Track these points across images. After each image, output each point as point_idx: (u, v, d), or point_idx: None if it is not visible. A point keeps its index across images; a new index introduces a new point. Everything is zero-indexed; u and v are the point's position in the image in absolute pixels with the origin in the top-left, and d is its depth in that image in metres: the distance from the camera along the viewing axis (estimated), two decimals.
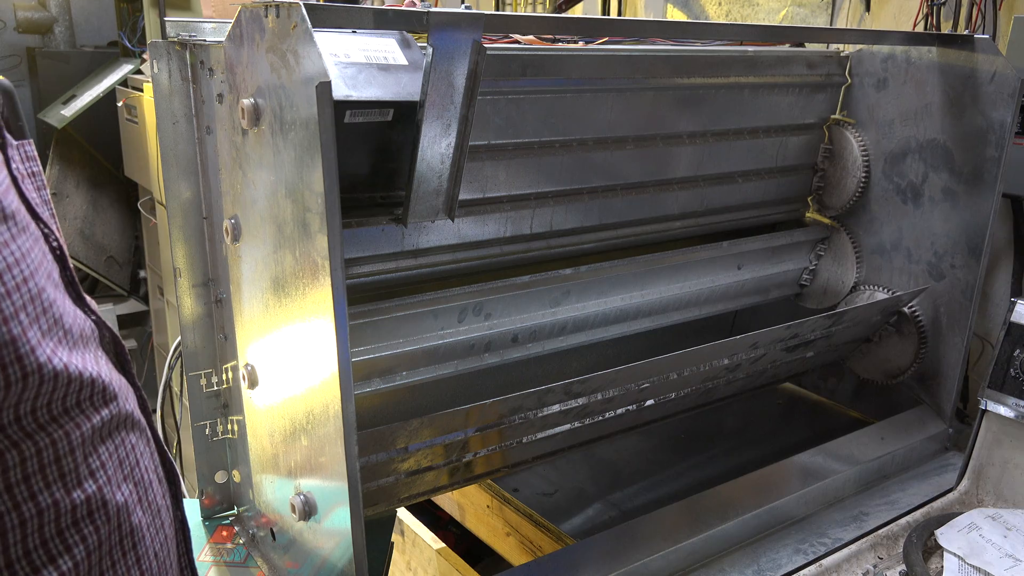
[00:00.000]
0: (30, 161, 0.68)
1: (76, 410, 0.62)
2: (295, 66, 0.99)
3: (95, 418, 0.64)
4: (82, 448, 0.62)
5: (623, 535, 1.50)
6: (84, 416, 0.63)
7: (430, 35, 1.13)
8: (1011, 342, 1.65)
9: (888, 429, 1.89)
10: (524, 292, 1.61)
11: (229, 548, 1.45)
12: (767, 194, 1.98)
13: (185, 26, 1.30)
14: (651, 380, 1.58)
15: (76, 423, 0.62)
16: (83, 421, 0.63)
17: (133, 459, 0.68)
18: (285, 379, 1.19)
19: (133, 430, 0.69)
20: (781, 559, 1.52)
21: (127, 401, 0.70)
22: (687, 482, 1.90)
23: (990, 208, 1.75)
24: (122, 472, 0.66)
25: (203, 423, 1.45)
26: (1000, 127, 1.71)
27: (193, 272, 1.39)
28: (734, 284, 1.96)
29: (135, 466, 0.69)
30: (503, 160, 1.52)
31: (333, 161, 0.98)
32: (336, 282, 1.01)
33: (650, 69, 1.64)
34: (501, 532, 1.84)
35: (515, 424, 1.46)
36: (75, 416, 0.62)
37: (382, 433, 1.28)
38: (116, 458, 0.66)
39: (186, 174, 1.36)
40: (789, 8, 2.52)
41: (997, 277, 2.06)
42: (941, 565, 1.48)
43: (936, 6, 2.07)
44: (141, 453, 0.70)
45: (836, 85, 1.97)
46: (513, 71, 1.47)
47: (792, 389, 2.31)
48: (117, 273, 3.66)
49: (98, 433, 0.64)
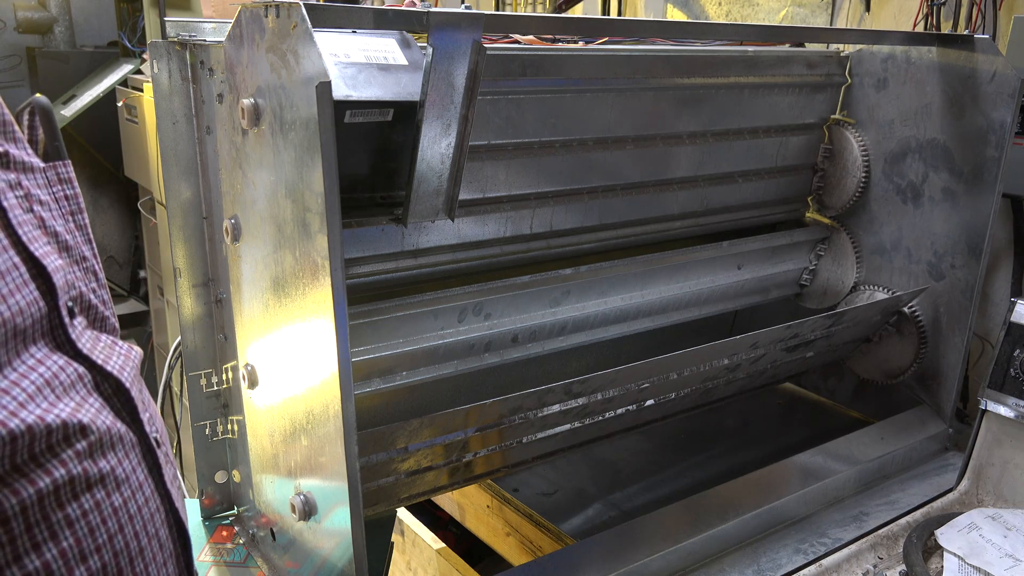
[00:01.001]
0: (64, 184, 0.62)
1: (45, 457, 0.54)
2: (295, 66, 0.99)
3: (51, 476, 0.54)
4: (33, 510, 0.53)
5: (623, 535, 1.49)
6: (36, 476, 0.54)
7: (430, 35, 1.13)
8: (1011, 342, 1.65)
9: (888, 429, 1.88)
10: (524, 292, 1.61)
11: (229, 548, 1.45)
12: (767, 194, 1.98)
13: (185, 26, 1.30)
14: (651, 380, 1.58)
15: (30, 480, 0.53)
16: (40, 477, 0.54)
17: (113, 524, 0.58)
18: (285, 379, 1.19)
19: (117, 489, 0.59)
20: (781, 559, 1.52)
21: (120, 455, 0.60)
22: (687, 482, 1.90)
23: (990, 208, 1.75)
24: (91, 542, 0.56)
25: (203, 423, 1.45)
26: (1000, 127, 1.71)
27: (193, 272, 1.39)
28: (734, 284, 1.96)
29: (114, 533, 0.58)
30: (503, 160, 1.52)
31: (333, 161, 0.98)
32: (336, 282, 1.01)
33: (650, 69, 1.64)
34: (501, 532, 1.84)
35: (515, 424, 1.46)
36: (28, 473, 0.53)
37: (382, 433, 1.28)
38: (82, 525, 0.55)
39: (186, 174, 1.35)
40: (789, 8, 2.52)
41: (997, 277, 2.06)
42: (941, 565, 1.48)
43: (936, 6, 2.07)
44: (129, 516, 0.60)
45: (836, 85, 1.97)
46: (513, 71, 1.47)
47: (792, 389, 2.31)
48: (117, 273, 3.66)
49: (53, 496, 0.54)
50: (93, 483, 0.57)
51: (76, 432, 0.56)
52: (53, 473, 0.54)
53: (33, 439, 0.53)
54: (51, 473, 0.54)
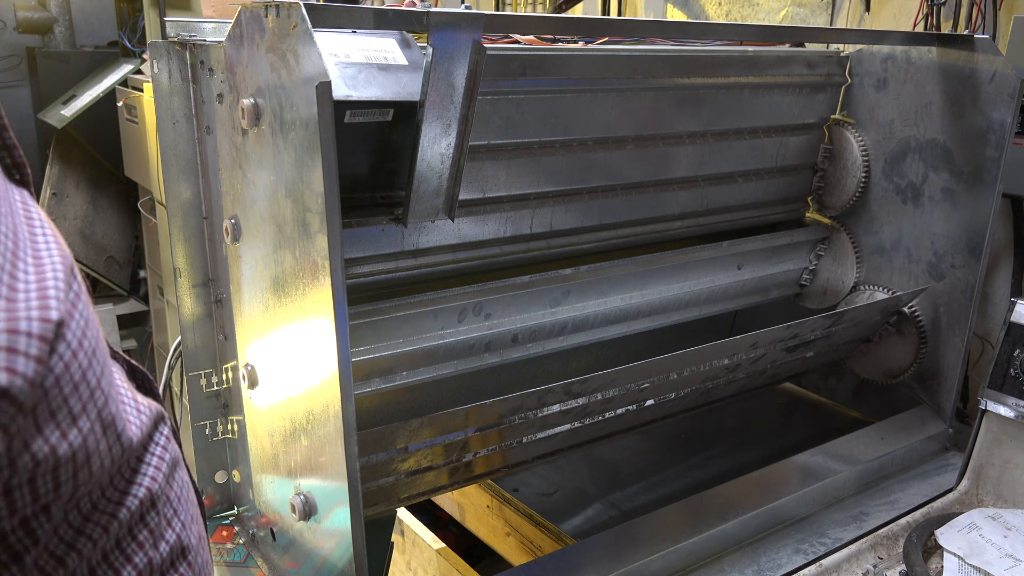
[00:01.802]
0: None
1: (148, 454, 0.59)
2: (295, 66, 0.99)
3: (165, 461, 0.61)
4: (164, 498, 0.60)
5: (623, 535, 1.50)
6: (156, 462, 0.60)
7: (430, 35, 1.13)
8: (1011, 342, 1.65)
9: (888, 429, 1.89)
10: (524, 292, 1.61)
11: (229, 548, 1.45)
12: (767, 194, 1.99)
13: (185, 26, 1.30)
14: (651, 380, 1.58)
15: (151, 476, 0.59)
16: (156, 472, 0.60)
17: (186, 495, 0.66)
18: (285, 379, 1.19)
19: (180, 463, 0.66)
20: (781, 559, 1.52)
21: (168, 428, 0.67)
22: (687, 482, 1.90)
23: (990, 208, 1.75)
24: (187, 512, 0.64)
25: (203, 423, 1.45)
26: (1000, 127, 1.71)
27: (193, 272, 1.39)
28: (734, 284, 1.96)
29: (189, 501, 0.66)
30: (503, 160, 1.52)
31: (333, 161, 0.98)
32: (336, 282, 1.01)
33: (650, 69, 1.64)
34: (501, 532, 1.84)
35: (515, 424, 1.46)
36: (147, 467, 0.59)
37: (382, 433, 1.28)
38: (180, 499, 0.64)
39: (186, 174, 1.36)
40: (789, 8, 2.52)
41: (997, 277, 2.06)
42: (941, 565, 1.48)
43: (936, 6, 2.07)
44: (188, 485, 0.67)
45: (836, 85, 1.97)
46: (513, 71, 1.47)
47: (792, 389, 2.31)
48: (117, 273, 3.66)
49: (169, 477, 0.62)
50: (177, 460, 0.64)
51: (162, 416, 0.62)
52: (164, 457, 0.61)
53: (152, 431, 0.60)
54: (163, 457, 0.61)
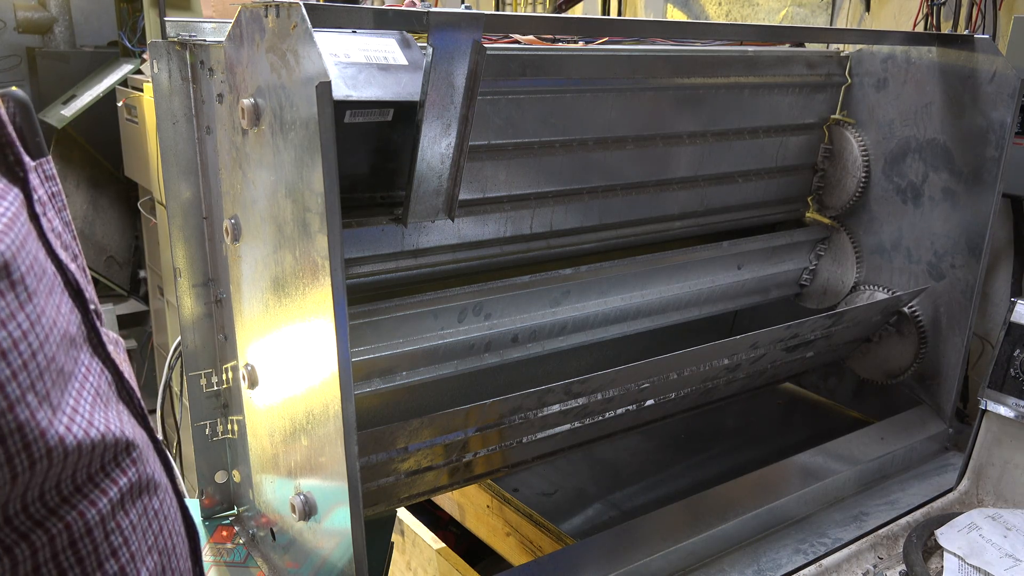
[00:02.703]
0: (50, 181, 0.62)
1: (100, 475, 0.57)
2: (295, 66, 0.99)
3: (117, 485, 0.59)
4: (101, 526, 0.57)
5: (623, 535, 1.49)
6: (106, 485, 0.58)
7: (430, 35, 1.13)
8: (1011, 342, 1.65)
9: (888, 429, 1.89)
10: (524, 292, 1.61)
11: (229, 548, 1.45)
12: (767, 194, 1.98)
13: (185, 26, 1.30)
14: (651, 380, 1.58)
15: (91, 500, 0.56)
16: (99, 496, 0.57)
17: (157, 525, 0.63)
18: (285, 379, 1.19)
19: (156, 491, 0.64)
20: (781, 559, 1.52)
21: (148, 458, 0.64)
22: (687, 482, 1.90)
23: (990, 208, 1.75)
24: (146, 543, 0.61)
25: (203, 423, 1.45)
26: (1000, 127, 1.71)
27: (193, 272, 1.39)
28: (734, 284, 1.96)
29: (159, 533, 0.63)
30: (503, 160, 1.52)
31: (333, 161, 0.98)
32: (336, 282, 1.01)
33: (650, 69, 1.64)
34: (501, 532, 1.84)
35: (515, 424, 1.46)
36: (93, 489, 0.57)
37: (382, 433, 1.28)
38: (140, 529, 0.61)
39: (186, 174, 1.35)
40: (789, 8, 2.52)
41: (997, 277, 2.06)
42: (941, 565, 1.48)
43: (936, 6, 2.07)
44: (165, 516, 0.65)
45: (836, 85, 1.97)
46: (513, 71, 1.47)
47: (792, 389, 2.31)
48: (117, 273, 3.67)
49: (119, 505, 0.59)
50: (143, 487, 0.62)
51: (129, 442, 0.60)
52: (119, 481, 0.59)
53: (105, 449, 0.57)
54: (117, 482, 0.58)
